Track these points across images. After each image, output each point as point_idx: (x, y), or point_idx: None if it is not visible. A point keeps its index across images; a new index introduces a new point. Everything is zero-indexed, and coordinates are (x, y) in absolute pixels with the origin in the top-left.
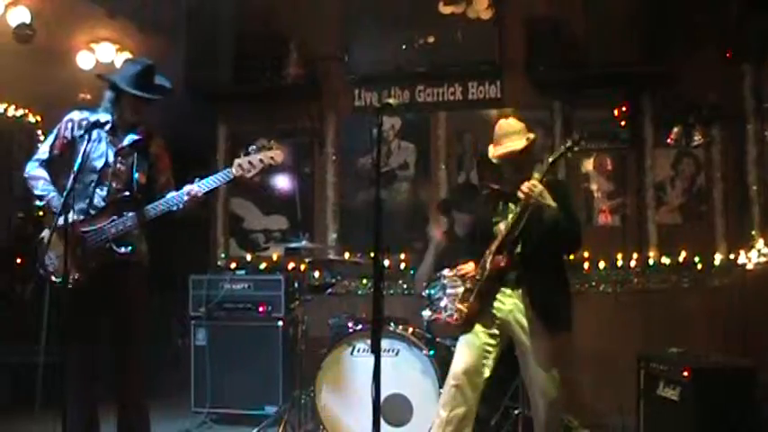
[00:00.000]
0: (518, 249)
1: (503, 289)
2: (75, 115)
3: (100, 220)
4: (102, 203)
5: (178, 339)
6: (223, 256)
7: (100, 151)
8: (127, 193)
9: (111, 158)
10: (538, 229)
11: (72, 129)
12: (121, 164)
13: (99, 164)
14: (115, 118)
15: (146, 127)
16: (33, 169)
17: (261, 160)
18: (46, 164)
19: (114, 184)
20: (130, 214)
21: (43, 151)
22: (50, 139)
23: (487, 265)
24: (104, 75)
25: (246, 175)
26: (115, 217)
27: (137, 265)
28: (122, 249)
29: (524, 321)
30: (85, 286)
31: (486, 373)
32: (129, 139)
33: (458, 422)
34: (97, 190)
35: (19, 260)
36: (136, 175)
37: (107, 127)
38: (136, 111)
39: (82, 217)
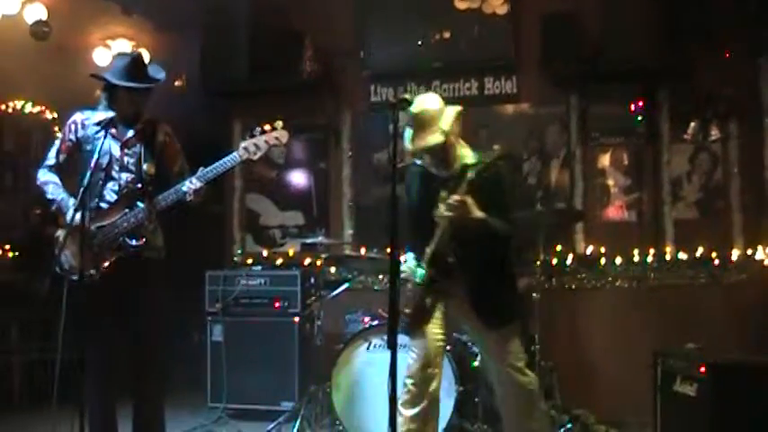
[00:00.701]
0: (451, 256)
1: (450, 285)
2: (78, 116)
3: (112, 214)
4: (114, 198)
5: (194, 335)
6: (239, 251)
7: (105, 148)
8: (138, 186)
9: (116, 153)
10: (467, 235)
11: (76, 130)
12: (128, 157)
13: (105, 160)
14: (115, 114)
15: (149, 117)
16: (44, 175)
17: (266, 141)
18: (55, 168)
19: (124, 178)
20: (141, 206)
21: (51, 157)
22: (56, 143)
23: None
24: (96, 73)
25: (253, 158)
26: (126, 211)
27: (152, 261)
28: (134, 242)
29: (467, 318)
30: (101, 282)
31: (438, 368)
32: (132, 131)
33: (422, 418)
34: (108, 185)
35: (36, 257)
36: (144, 167)
37: (109, 123)
38: (132, 103)
39: (93, 214)
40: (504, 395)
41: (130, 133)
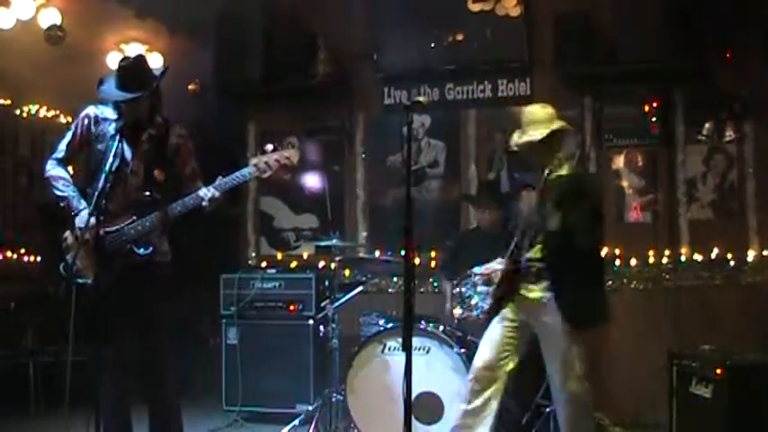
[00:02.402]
0: (539, 248)
1: (527, 285)
2: (91, 110)
3: (120, 220)
4: (123, 203)
5: (209, 338)
6: (254, 254)
7: (117, 151)
8: (147, 193)
9: (128, 157)
10: (552, 228)
11: (89, 125)
12: (140, 161)
13: (116, 164)
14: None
15: (163, 118)
16: (53, 168)
17: (277, 160)
18: (63, 162)
19: (134, 183)
20: (152, 215)
21: (60, 149)
22: (68, 136)
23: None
24: (102, 77)
25: (263, 176)
26: (135, 217)
27: (159, 265)
28: (142, 251)
29: (544, 318)
30: (108, 288)
31: (509, 366)
32: (145, 135)
33: (478, 414)
34: (117, 189)
35: (52, 259)
36: (154, 173)
37: (119, 125)
38: (131, 111)
39: (101, 219)
40: (557, 401)
41: (143, 137)
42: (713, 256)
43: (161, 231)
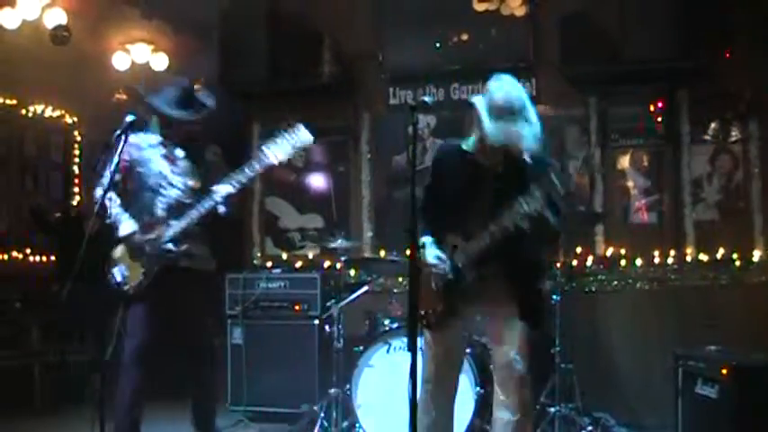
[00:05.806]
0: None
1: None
2: (132, 139)
3: (159, 228)
4: (163, 214)
5: (214, 338)
6: (259, 254)
7: (156, 170)
8: (187, 201)
9: (166, 172)
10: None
11: (131, 153)
12: (177, 175)
13: (157, 180)
14: (164, 136)
15: (200, 136)
16: (102, 194)
17: (292, 144)
18: (109, 188)
19: (174, 195)
20: (180, 218)
21: (107, 177)
22: (112, 165)
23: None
24: (147, 99)
25: (279, 161)
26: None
27: (198, 272)
28: (179, 248)
29: (496, 312)
30: (149, 293)
31: (458, 371)
32: (183, 150)
33: (436, 427)
34: (157, 200)
35: (58, 260)
36: (190, 183)
37: (158, 143)
38: (184, 130)
39: (144, 229)
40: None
41: (181, 153)
42: (719, 256)
43: (197, 236)
